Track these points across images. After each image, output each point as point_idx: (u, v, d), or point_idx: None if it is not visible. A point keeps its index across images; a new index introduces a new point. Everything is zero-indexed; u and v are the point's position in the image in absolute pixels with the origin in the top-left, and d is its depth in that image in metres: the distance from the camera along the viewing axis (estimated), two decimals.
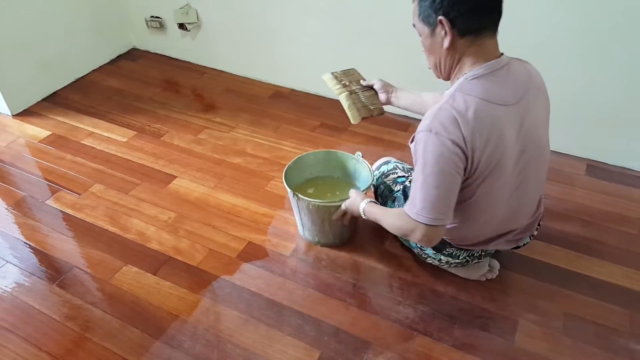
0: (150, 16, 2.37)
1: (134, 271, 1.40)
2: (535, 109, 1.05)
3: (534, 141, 1.07)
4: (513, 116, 1.00)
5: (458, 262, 1.29)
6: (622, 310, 1.30)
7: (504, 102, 0.98)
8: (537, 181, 1.17)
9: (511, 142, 1.01)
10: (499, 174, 1.04)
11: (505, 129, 0.99)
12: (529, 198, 1.17)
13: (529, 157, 1.07)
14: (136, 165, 1.79)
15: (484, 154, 0.98)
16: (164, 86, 2.28)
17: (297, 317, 1.28)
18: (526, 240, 1.29)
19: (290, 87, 2.25)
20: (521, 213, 1.19)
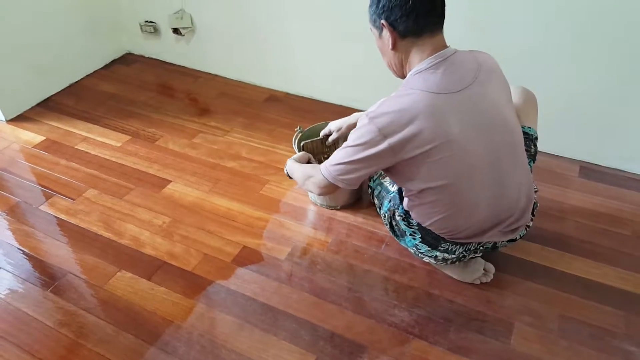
0: (144, 21, 2.37)
1: (128, 277, 1.39)
2: (489, 90, 1.10)
3: (497, 121, 1.12)
4: (460, 102, 1.06)
5: (454, 257, 1.29)
6: (617, 311, 1.31)
7: (448, 90, 1.05)
8: (516, 161, 1.18)
9: (460, 124, 1.06)
10: (460, 157, 1.08)
11: (450, 114, 1.05)
12: (510, 180, 1.18)
13: (495, 137, 1.12)
14: (130, 170, 1.78)
15: (421, 140, 1.04)
16: (159, 90, 2.28)
17: (292, 321, 1.27)
18: (522, 232, 1.29)
19: (285, 91, 2.25)
20: (506, 197, 1.19)
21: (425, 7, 1.02)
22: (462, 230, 1.21)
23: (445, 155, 1.07)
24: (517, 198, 1.21)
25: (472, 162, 1.11)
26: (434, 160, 1.08)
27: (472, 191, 1.15)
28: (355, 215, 1.60)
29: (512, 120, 1.17)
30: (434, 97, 1.04)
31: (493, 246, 1.30)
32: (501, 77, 1.17)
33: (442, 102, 1.05)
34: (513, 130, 1.16)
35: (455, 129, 1.06)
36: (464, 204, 1.16)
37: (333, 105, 2.16)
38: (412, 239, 1.31)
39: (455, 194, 1.15)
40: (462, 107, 1.07)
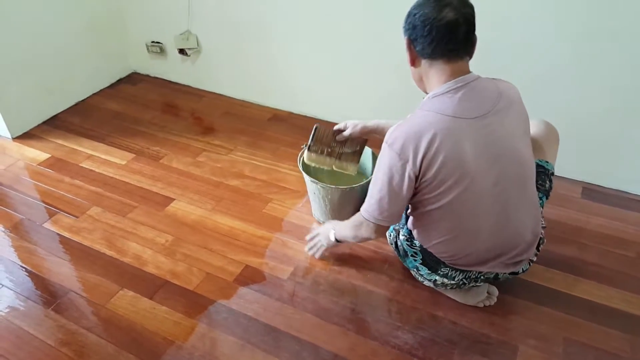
0: (151, 41, 2.41)
1: (130, 295, 1.38)
2: (506, 121, 1.11)
3: (509, 152, 1.12)
4: (477, 128, 1.07)
5: (454, 283, 1.28)
6: (623, 335, 1.29)
7: (464, 116, 1.06)
8: (524, 195, 1.18)
9: (473, 151, 1.07)
10: (467, 182, 1.09)
11: (465, 139, 1.06)
12: (517, 212, 1.17)
13: (505, 168, 1.12)
14: (134, 187, 1.79)
15: (436, 163, 1.06)
16: (164, 109, 2.30)
17: (294, 342, 1.26)
18: (525, 266, 1.28)
19: (288, 110, 2.28)
20: (510, 229, 1.18)
21: (442, 35, 1.04)
22: (462, 256, 1.21)
23: (455, 179, 1.08)
24: (522, 232, 1.20)
25: (479, 190, 1.11)
26: (443, 182, 1.09)
27: (475, 219, 1.15)
28: None
29: (526, 154, 1.16)
30: (449, 120, 1.06)
31: (495, 277, 1.29)
32: (521, 109, 1.17)
33: (456, 126, 1.06)
34: (525, 163, 1.16)
35: (468, 155, 1.07)
36: (466, 229, 1.16)
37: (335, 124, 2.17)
38: (414, 260, 1.30)
39: (455, 219, 1.15)
40: (476, 134, 1.07)
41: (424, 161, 1.07)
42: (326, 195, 1.53)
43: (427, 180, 1.09)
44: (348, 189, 1.51)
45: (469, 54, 1.11)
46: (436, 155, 1.05)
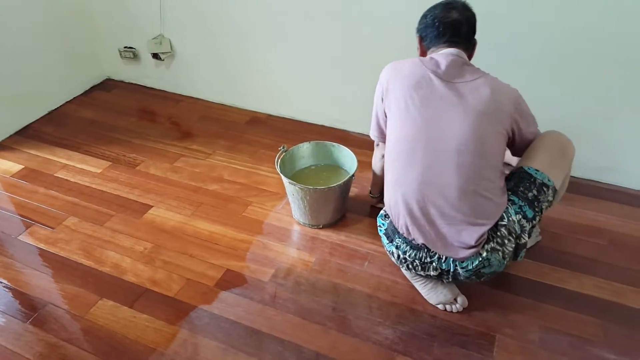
0: (123, 47, 2.39)
1: (109, 305, 1.37)
2: (473, 97, 1.23)
3: (456, 119, 1.22)
4: (439, 85, 1.25)
5: (408, 259, 1.30)
6: (596, 320, 1.33)
7: (435, 69, 1.26)
8: (461, 162, 1.20)
9: (425, 98, 1.25)
10: (404, 122, 1.27)
11: (422, 85, 1.25)
12: (441, 176, 1.22)
13: (443, 129, 1.23)
14: (111, 196, 1.77)
15: (391, 92, 1.31)
16: (139, 115, 2.28)
17: (277, 344, 1.27)
18: (472, 262, 1.23)
19: (267, 113, 2.28)
20: (433, 185, 1.22)
21: (447, 29, 1.28)
22: (392, 205, 1.31)
23: (399, 113, 1.27)
24: (448, 196, 1.22)
25: (411, 135, 1.26)
26: (391, 115, 1.31)
27: (401, 161, 1.28)
28: (337, 234, 1.62)
29: (478, 133, 1.21)
30: (420, 66, 1.27)
31: (454, 275, 1.28)
32: (497, 107, 1.23)
33: (422, 73, 1.27)
34: (467, 136, 1.21)
35: (416, 100, 1.25)
36: (396, 171, 1.30)
37: (314, 125, 2.20)
38: (380, 230, 1.41)
39: (389, 155, 1.32)
40: (439, 88, 1.24)
41: (389, 87, 1.31)
42: (305, 196, 1.55)
43: (385, 105, 1.33)
44: (326, 189, 1.52)
45: (468, 50, 1.32)
46: (395, 85, 1.29)
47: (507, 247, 1.24)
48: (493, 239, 1.23)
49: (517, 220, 1.24)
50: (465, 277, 1.27)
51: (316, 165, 1.75)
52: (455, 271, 1.26)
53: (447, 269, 1.27)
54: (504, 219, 1.23)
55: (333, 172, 1.72)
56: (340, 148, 1.70)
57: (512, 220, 1.24)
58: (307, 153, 1.74)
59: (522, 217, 1.25)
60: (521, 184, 1.28)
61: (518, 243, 1.25)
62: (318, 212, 1.60)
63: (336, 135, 2.10)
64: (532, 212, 1.26)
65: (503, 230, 1.23)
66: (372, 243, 1.58)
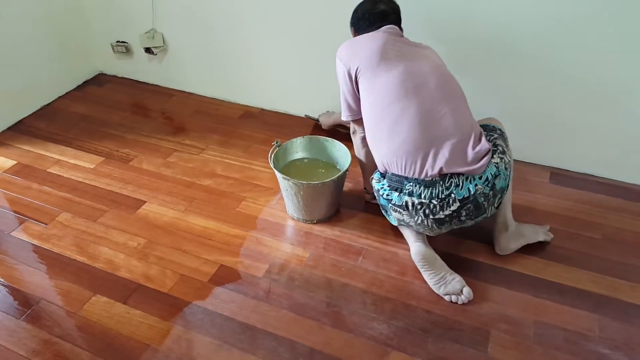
0: (116, 41, 2.36)
1: (103, 301, 1.37)
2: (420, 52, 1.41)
3: (422, 58, 1.38)
4: (391, 40, 1.39)
5: (424, 202, 1.30)
6: (591, 314, 1.33)
7: (385, 31, 1.42)
8: (446, 93, 1.33)
9: (383, 51, 1.36)
10: (376, 75, 1.35)
11: (379, 43, 1.38)
12: (432, 103, 1.31)
13: (412, 70, 1.34)
14: (104, 191, 1.76)
15: (358, 62, 1.38)
16: (132, 110, 2.26)
17: (271, 339, 1.27)
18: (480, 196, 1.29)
19: (260, 107, 2.26)
20: (431, 117, 1.30)
21: (376, 18, 1.46)
22: (401, 155, 1.31)
23: (375, 74, 1.35)
24: (452, 138, 1.29)
25: (385, 83, 1.34)
26: (365, 82, 1.37)
27: (389, 109, 1.33)
28: (332, 229, 1.61)
29: (442, 68, 1.39)
30: (376, 34, 1.41)
31: (475, 204, 1.29)
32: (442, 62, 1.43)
33: (377, 35, 1.40)
34: (439, 67, 1.38)
35: (379, 54, 1.36)
36: (385, 125, 1.34)
37: (308, 120, 2.18)
38: (383, 193, 1.38)
39: (376, 115, 1.37)
40: (390, 42, 1.38)
41: (352, 61, 1.39)
42: (298, 191, 1.54)
43: (355, 76, 1.40)
44: (320, 184, 1.51)
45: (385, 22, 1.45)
46: (360, 56, 1.38)
47: (507, 156, 1.36)
48: (496, 149, 1.35)
49: (502, 138, 1.41)
50: (484, 193, 1.29)
51: (310, 160, 1.74)
52: (475, 192, 1.28)
53: (467, 195, 1.28)
54: (489, 135, 1.39)
55: (327, 167, 1.71)
56: (334, 143, 1.69)
57: (495, 136, 1.40)
58: (301, 148, 1.73)
59: (499, 137, 1.41)
60: (485, 130, 1.44)
61: (509, 155, 1.38)
62: (312, 207, 1.59)
63: (329, 130, 2.09)
64: (502, 141, 1.41)
65: (496, 142, 1.38)
66: (367, 238, 1.57)
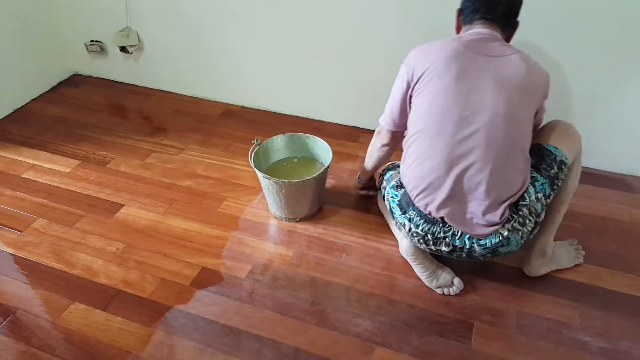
0: (89, 40, 2.30)
1: (81, 309, 1.34)
2: (505, 73, 1.21)
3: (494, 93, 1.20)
4: (473, 59, 1.22)
5: (420, 234, 1.28)
6: (572, 303, 1.35)
7: (469, 45, 1.24)
8: (485, 130, 1.19)
9: (454, 73, 1.21)
10: (430, 91, 1.24)
11: (456, 59, 1.22)
12: (473, 144, 1.19)
13: (478, 105, 1.20)
14: (81, 196, 1.72)
15: (421, 71, 1.25)
16: (109, 111, 2.21)
17: (255, 341, 1.25)
18: (495, 238, 1.23)
19: (240, 105, 2.23)
20: (463, 158, 1.20)
21: (481, 4, 1.26)
22: (422, 183, 1.25)
23: (431, 86, 1.23)
24: (475, 170, 1.20)
25: (441, 110, 1.22)
26: (420, 93, 1.26)
27: (435, 140, 1.23)
28: (315, 226, 1.60)
29: (513, 110, 1.20)
30: (455, 43, 1.24)
31: (468, 252, 1.26)
32: (534, 87, 1.24)
33: (456, 47, 1.23)
34: (503, 114, 1.19)
35: (453, 70, 1.21)
36: (426, 152, 1.25)
37: (290, 116, 2.16)
38: (392, 201, 1.36)
39: (412, 131, 1.29)
40: (474, 61, 1.21)
41: (416, 68, 1.26)
42: (280, 189, 1.52)
43: (411, 87, 1.29)
44: (302, 182, 1.50)
45: (505, 32, 1.28)
46: (425, 64, 1.25)
47: (527, 226, 1.24)
48: (514, 219, 1.23)
49: (538, 198, 1.25)
50: (481, 254, 1.26)
51: (291, 157, 1.72)
52: (471, 248, 1.25)
53: (462, 245, 1.25)
54: (525, 198, 1.23)
55: (308, 164, 1.69)
56: (316, 140, 1.67)
57: (532, 199, 1.24)
58: (282, 145, 1.71)
59: (543, 195, 1.26)
60: (543, 161, 1.28)
61: (537, 221, 1.26)
62: (294, 205, 1.57)
63: (312, 126, 2.07)
64: (549, 190, 1.28)
65: (524, 210, 1.23)
66: (350, 235, 1.57)
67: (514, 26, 1.30)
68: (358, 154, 1.94)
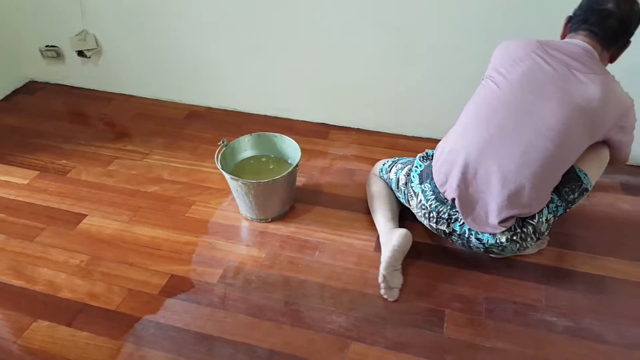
0: (45, 46, 2.22)
1: (45, 326, 1.28)
2: (574, 91, 1.18)
3: (542, 95, 1.19)
4: (535, 59, 1.22)
5: (428, 208, 1.32)
6: (538, 285, 1.39)
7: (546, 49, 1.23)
8: (529, 136, 1.18)
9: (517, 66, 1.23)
10: (491, 82, 1.26)
11: (523, 58, 1.23)
12: (512, 143, 1.19)
13: (529, 109, 1.20)
14: (40, 208, 1.65)
15: (491, 64, 1.31)
16: (68, 118, 2.14)
17: (228, 346, 1.23)
18: (491, 239, 1.26)
19: (206, 106, 2.19)
20: (497, 151, 1.21)
21: (591, 15, 1.22)
22: (448, 151, 1.29)
23: (493, 80, 1.26)
24: (503, 169, 1.20)
25: (503, 98, 1.23)
26: (485, 83, 1.29)
27: (482, 116, 1.25)
28: (287, 226, 1.59)
29: (567, 121, 1.17)
30: (530, 43, 1.25)
31: (464, 241, 1.31)
32: (599, 112, 1.18)
33: (533, 48, 1.24)
34: (557, 125, 1.17)
35: (518, 69, 1.22)
36: (465, 121, 1.29)
37: (258, 116, 2.14)
38: (416, 170, 1.39)
39: (471, 115, 1.29)
40: (544, 68, 1.20)
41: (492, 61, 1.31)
42: (249, 190, 1.50)
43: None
44: (270, 182, 1.48)
45: (609, 50, 1.23)
46: (496, 58, 1.30)
47: (527, 243, 1.28)
48: (516, 232, 1.25)
49: (547, 219, 1.26)
50: (475, 246, 1.30)
51: (260, 157, 1.70)
52: (468, 237, 1.29)
53: (461, 233, 1.29)
54: (535, 217, 1.25)
55: (277, 164, 1.68)
56: (284, 138, 1.66)
57: (542, 220, 1.25)
58: (249, 146, 1.69)
59: (553, 216, 1.28)
60: (568, 184, 1.27)
61: (538, 238, 1.29)
62: (265, 205, 1.56)
63: (281, 125, 2.06)
64: (562, 212, 1.29)
65: (530, 229, 1.25)
66: (323, 232, 1.56)
67: (621, 45, 1.24)
68: (328, 150, 1.93)
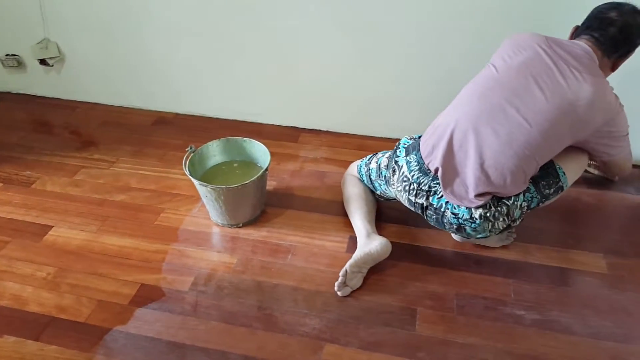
0: (5, 55, 2.15)
1: (11, 342, 1.25)
2: (564, 82, 1.21)
3: (535, 85, 1.22)
4: (536, 50, 1.25)
5: (409, 179, 1.34)
6: (506, 280, 1.42)
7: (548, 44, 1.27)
8: (515, 123, 1.22)
9: (518, 56, 1.27)
10: (489, 67, 1.32)
11: (525, 49, 1.27)
12: (498, 125, 1.23)
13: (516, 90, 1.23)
14: (4, 220, 1.60)
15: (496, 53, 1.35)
16: (31, 128, 2.08)
17: (201, 354, 1.22)
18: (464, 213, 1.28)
19: (174, 112, 2.17)
20: (484, 129, 1.24)
21: (593, 21, 1.28)
22: (434, 127, 1.34)
23: (493, 65, 1.30)
24: (485, 147, 1.24)
25: (499, 80, 1.26)
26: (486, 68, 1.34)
27: (477, 93, 1.29)
28: (259, 230, 1.59)
29: (553, 114, 1.20)
30: (535, 36, 1.29)
31: (438, 217, 1.33)
32: (588, 112, 1.21)
33: (537, 41, 1.27)
34: (543, 117, 1.20)
35: (518, 59, 1.25)
36: (460, 101, 1.32)
37: (227, 120, 2.13)
38: (403, 145, 1.43)
39: (469, 91, 1.33)
40: (543, 59, 1.22)
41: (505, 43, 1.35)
42: (219, 196, 1.49)
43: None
44: (240, 187, 1.48)
45: (610, 57, 1.27)
46: (501, 47, 1.33)
47: (498, 223, 1.30)
48: (490, 210, 1.28)
49: (521, 206, 1.30)
50: (449, 222, 1.32)
51: (229, 162, 1.70)
52: (444, 212, 1.30)
53: (437, 206, 1.31)
54: (511, 199, 1.29)
55: (247, 168, 1.68)
56: (252, 143, 1.66)
57: (516, 204, 1.29)
58: (218, 151, 1.68)
59: (527, 206, 1.32)
60: (546, 178, 1.33)
61: (509, 224, 1.32)
62: (235, 211, 1.55)
63: (250, 129, 2.05)
64: (535, 205, 1.34)
65: (504, 208, 1.29)
66: (295, 235, 1.57)
67: (622, 54, 1.27)
68: (298, 153, 1.94)
